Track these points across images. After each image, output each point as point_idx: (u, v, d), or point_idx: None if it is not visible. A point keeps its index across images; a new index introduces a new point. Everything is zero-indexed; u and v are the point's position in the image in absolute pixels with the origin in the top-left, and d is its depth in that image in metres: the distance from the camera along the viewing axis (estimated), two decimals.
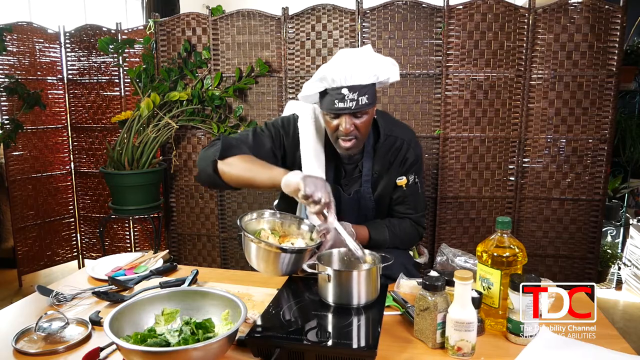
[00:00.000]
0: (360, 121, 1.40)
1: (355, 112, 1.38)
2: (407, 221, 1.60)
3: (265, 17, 2.62)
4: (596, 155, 2.48)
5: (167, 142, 2.83)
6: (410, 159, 1.55)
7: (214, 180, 1.43)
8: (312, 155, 1.51)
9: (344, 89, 1.34)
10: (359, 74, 1.34)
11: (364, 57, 1.38)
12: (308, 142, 1.52)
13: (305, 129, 1.53)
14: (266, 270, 1.25)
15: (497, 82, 2.48)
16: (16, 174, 2.92)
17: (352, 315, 1.10)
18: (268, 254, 1.22)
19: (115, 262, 1.56)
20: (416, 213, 1.61)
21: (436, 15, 2.47)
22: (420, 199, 1.62)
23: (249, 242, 1.24)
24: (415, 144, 1.58)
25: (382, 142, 1.54)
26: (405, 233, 1.58)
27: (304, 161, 1.51)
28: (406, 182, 1.55)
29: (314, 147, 1.51)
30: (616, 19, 2.35)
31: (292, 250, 1.22)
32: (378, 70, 1.37)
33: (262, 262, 1.24)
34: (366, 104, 1.36)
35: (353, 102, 1.35)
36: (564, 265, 2.60)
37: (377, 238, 1.52)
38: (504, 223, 1.10)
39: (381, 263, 1.19)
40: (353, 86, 1.34)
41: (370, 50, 1.42)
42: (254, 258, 1.25)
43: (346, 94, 1.34)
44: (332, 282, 1.12)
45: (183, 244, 3.00)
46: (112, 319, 0.94)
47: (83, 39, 3.02)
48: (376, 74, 1.37)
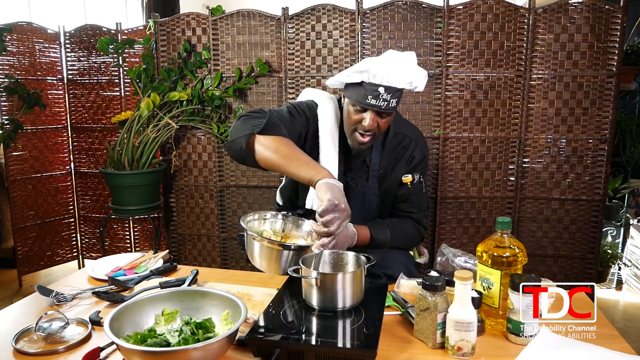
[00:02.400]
0: (383, 121, 1.45)
1: (382, 112, 1.41)
2: (409, 221, 1.61)
3: (265, 17, 2.62)
4: (596, 156, 2.48)
5: (167, 142, 2.83)
6: (417, 157, 1.58)
7: (244, 155, 1.34)
8: (330, 145, 1.51)
9: (381, 87, 1.37)
10: (399, 77, 1.38)
11: (407, 62, 1.41)
12: (327, 131, 1.52)
13: (325, 117, 1.54)
14: (268, 268, 1.26)
15: (497, 82, 2.48)
16: (16, 174, 2.92)
17: (352, 315, 1.10)
18: (270, 252, 1.23)
19: (115, 262, 1.56)
20: (419, 212, 1.61)
21: (436, 15, 2.47)
22: (423, 199, 1.63)
23: (251, 240, 1.25)
24: (423, 143, 1.61)
25: (391, 138, 1.57)
26: (406, 233, 1.59)
27: (323, 150, 1.51)
28: (411, 180, 1.56)
29: (332, 138, 1.52)
30: (616, 19, 2.35)
31: (294, 247, 1.23)
32: (414, 78, 1.41)
33: (265, 260, 1.25)
34: (394, 107, 1.42)
35: (385, 102, 1.38)
36: (564, 265, 2.60)
37: (379, 238, 1.53)
38: (504, 223, 1.10)
39: (366, 264, 1.18)
40: (390, 87, 1.37)
41: (414, 58, 1.44)
42: (256, 256, 1.26)
43: (381, 93, 1.38)
44: (323, 285, 1.11)
45: (183, 244, 3.00)
46: (112, 319, 0.94)
47: (83, 39, 3.02)
48: (411, 82, 1.41)
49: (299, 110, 1.53)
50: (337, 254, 1.26)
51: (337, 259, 1.25)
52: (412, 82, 1.41)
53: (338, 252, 1.26)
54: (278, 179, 2.75)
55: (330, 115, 1.54)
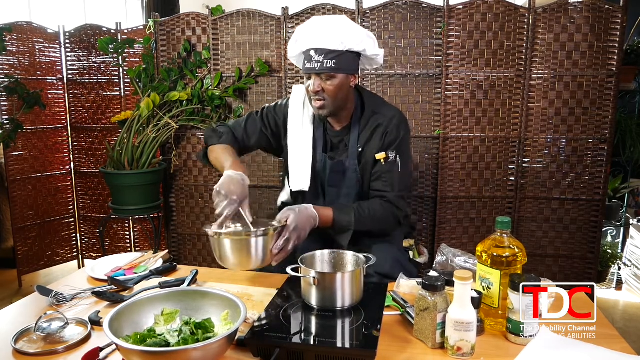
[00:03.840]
0: (328, 84, 1.49)
1: (320, 74, 1.47)
2: (377, 201, 1.56)
3: (265, 17, 2.62)
4: (596, 155, 2.47)
5: (167, 142, 2.83)
6: (391, 134, 1.57)
7: (204, 162, 1.66)
8: (298, 126, 1.63)
9: (311, 51, 1.46)
10: (324, 38, 1.44)
11: (333, 23, 1.48)
12: (296, 113, 1.64)
13: (294, 103, 1.66)
14: (240, 263, 1.26)
15: (497, 82, 2.48)
16: (16, 174, 2.92)
17: (351, 315, 1.10)
18: (239, 244, 1.23)
19: (115, 262, 1.56)
20: (392, 192, 1.56)
21: (436, 15, 2.47)
22: (399, 179, 1.58)
23: (216, 240, 1.25)
24: (399, 122, 1.59)
25: (368, 117, 1.60)
26: (374, 214, 1.53)
27: (290, 131, 1.64)
28: (385, 157, 1.56)
29: (301, 118, 1.64)
30: (616, 19, 2.35)
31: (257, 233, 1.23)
32: (346, 38, 1.45)
33: (235, 254, 1.24)
34: (332, 67, 1.45)
35: (318, 63, 1.45)
36: (564, 265, 2.60)
37: (341, 219, 1.49)
38: (504, 223, 1.10)
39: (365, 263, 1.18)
40: (319, 49, 1.45)
41: (343, 19, 1.50)
42: (226, 255, 1.25)
43: (313, 55, 1.46)
44: (322, 284, 1.11)
45: (183, 244, 3.00)
46: (111, 319, 0.94)
47: (83, 39, 3.02)
48: (343, 42, 1.45)
49: (262, 110, 1.71)
50: (336, 253, 1.26)
51: (337, 259, 1.25)
52: (346, 43, 1.45)
53: (337, 251, 1.26)
54: (278, 179, 2.75)
55: (300, 102, 1.65)
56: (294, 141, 1.64)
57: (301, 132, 1.63)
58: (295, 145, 1.63)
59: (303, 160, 1.62)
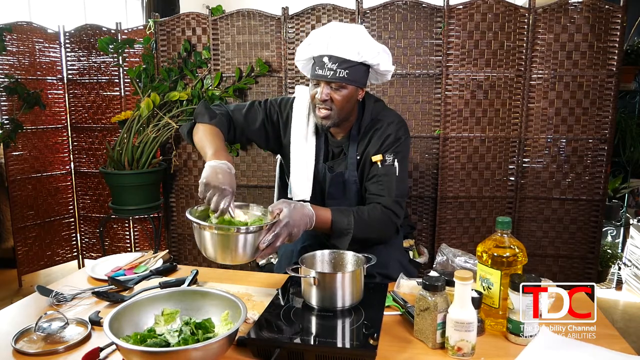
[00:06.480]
0: (337, 94, 1.44)
1: (331, 82, 1.42)
2: (378, 207, 1.49)
3: (265, 17, 2.62)
4: (596, 155, 2.47)
5: (167, 142, 2.83)
6: (388, 137, 1.53)
7: (187, 138, 1.56)
8: (301, 134, 1.58)
9: (325, 57, 1.41)
10: (340, 46, 1.40)
11: (353, 33, 1.43)
12: (300, 121, 1.59)
13: (298, 108, 1.61)
14: (223, 257, 1.18)
15: (497, 82, 2.48)
16: (16, 174, 2.92)
17: (352, 315, 1.10)
18: (224, 239, 1.16)
19: (115, 262, 1.56)
20: (388, 196, 1.50)
21: (436, 15, 2.46)
22: (396, 184, 1.51)
23: (200, 231, 1.18)
24: (399, 125, 1.56)
25: (367, 123, 1.56)
26: (374, 220, 1.46)
27: (293, 139, 1.59)
28: (381, 160, 1.51)
29: (305, 127, 1.58)
30: (616, 19, 2.35)
31: (247, 230, 1.16)
32: (363, 49, 1.42)
33: (219, 248, 1.17)
34: (344, 77, 1.41)
35: (331, 71, 1.40)
36: (564, 265, 2.60)
37: (339, 221, 1.41)
38: (504, 223, 1.10)
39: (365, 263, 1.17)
40: (333, 56, 1.40)
41: (361, 30, 1.46)
42: (210, 247, 1.18)
43: (326, 62, 1.41)
44: (322, 284, 1.11)
45: (183, 244, 3.00)
46: (111, 319, 0.94)
47: (83, 39, 3.02)
48: (360, 53, 1.41)
49: (265, 103, 1.64)
50: (337, 253, 1.26)
51: (337, 259, 1.25)
52: (362, 54, 1.41)
53: (338, 251, 1.26)
54: None
55: (304, 106, 1.59)
56: (297, 151, 1.59)
57: (305, 143, 1.58)
58: (298, 156, 1.59)
59: (305, 170, 1.58)
